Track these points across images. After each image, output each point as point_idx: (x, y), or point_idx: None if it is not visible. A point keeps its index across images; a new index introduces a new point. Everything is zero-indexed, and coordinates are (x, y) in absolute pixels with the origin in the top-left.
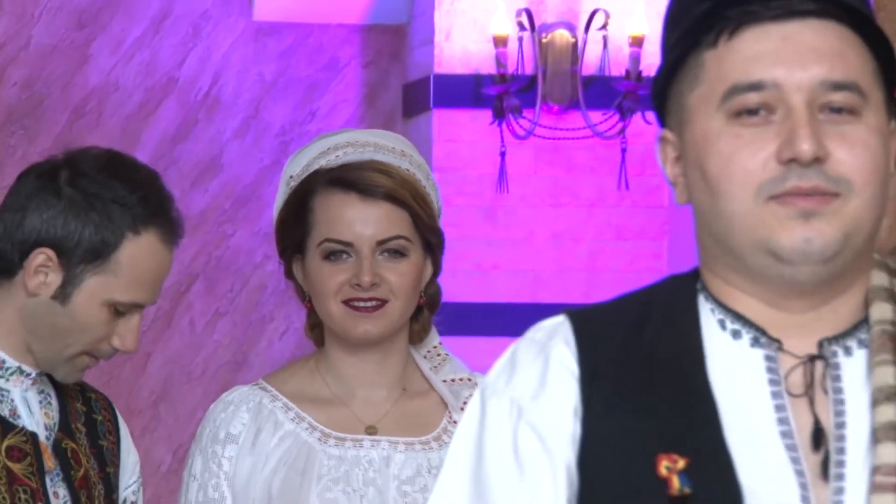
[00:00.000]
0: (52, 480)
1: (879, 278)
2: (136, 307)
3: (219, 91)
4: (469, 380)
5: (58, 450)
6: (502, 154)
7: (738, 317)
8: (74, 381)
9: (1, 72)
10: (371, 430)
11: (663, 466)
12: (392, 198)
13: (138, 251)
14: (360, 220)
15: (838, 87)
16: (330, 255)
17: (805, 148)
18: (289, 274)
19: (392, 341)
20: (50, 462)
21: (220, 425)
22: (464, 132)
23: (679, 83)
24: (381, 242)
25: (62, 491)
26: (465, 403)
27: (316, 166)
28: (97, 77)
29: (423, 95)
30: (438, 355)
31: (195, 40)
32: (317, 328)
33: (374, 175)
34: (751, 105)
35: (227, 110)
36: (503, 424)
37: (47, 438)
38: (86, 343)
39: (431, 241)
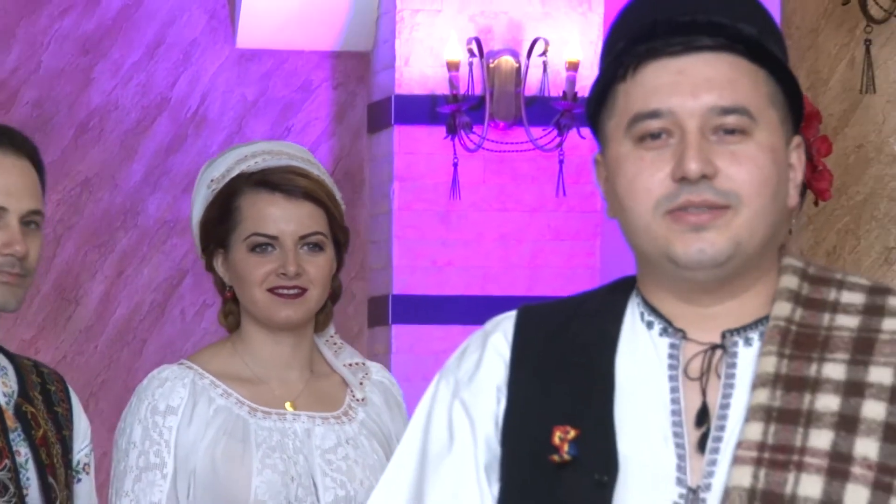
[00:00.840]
0: (14, 440)
1: (789, 281)
2: (2, 210)
3: (206, 110)
4: (363, 364)
5: (18, 413)
6: (455, 165)
7: (653, 310)
8: (8, 300)
9: (14, 92)
10: (291, 405)
11: (557, 436)
12: (312, 197)
13: None
14: (284, 218)
15: (728, 111)
16: (256, 248)
17: (692, 167)
18: (209, 267)
19: (305, 327)
20: (10, 422)
21: (160, 398)
22: (421, 146)
23: (602, 113)
24: (302, 237)
25: (24, 449)
26: (361, 384)
27: (237, 171)
28: (99, 97)
29: (385, 114)
30: (335, 343)
31: (185, 65)
32: (231, 315)
33: (296, 178)
34: (652, 130)
35: (213, 127)
36: (445, 401)
37: (7, 403)
38: None
39: (340, 239)
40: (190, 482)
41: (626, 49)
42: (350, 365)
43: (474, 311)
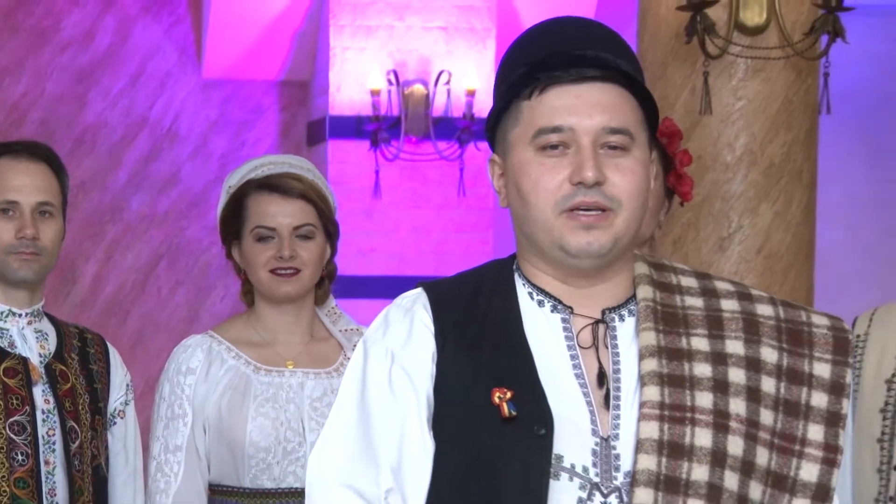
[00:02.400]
0: (41, 390)
1: (642, 268)
2: (13, 204)
3: (177, 127)
4: (357, 329)
5: (48, 370)
6: (376, 172)
7: (540, 290)
8: (26, 273)
9: (24, 113)
10: (289, 364)
11: (496, 396)
12: (303, 196)
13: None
14: (281, 213)
15: (615, 131)
16: (259, 238)
17: (589, 175)
18: (229, 255)
19: (304, 300)
20: (36, 375)
21: (183, 361)
22: (350, 156)
23: (504, 122)
24: (296, 228)
25: (50, 398)
26: (354, 346)
27: (248, 178)
28: (92, 117)
29: (321, 131)
30: (335, 313)
31: (161, 91)
32: (248, 294)
33: (290, 181)
34: (552, 142)
35: (183, 141)
36: (381, 365)
37: (41, 363)
38: (2, 240)
39: (330, 230)
40: (205, 427)
41: (528, 73)
42: (345, 330)
43: (393, 288)
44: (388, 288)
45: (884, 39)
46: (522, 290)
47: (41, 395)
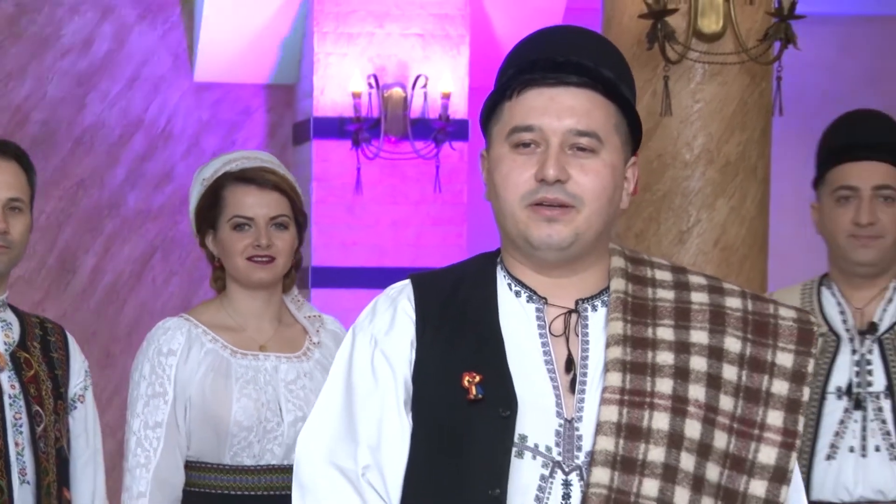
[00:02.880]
0: (7, 376)
1: (618, 262)
2: None
3: (171, 128)
4: (319, 316)
5: (13, 358)
6: (358, 169)
7: (518, 281)
8: (2, 264)
9: (27, 115)
10: (262, 348)
11: (466, 380)
12: (278, 188)
13: None
14: (258, 203)
15: (583, 134)
16: (237, 227)
17: (550, 173)
18: (202, 244)
19: (275, 287)
20: (2, 362)
21: (164, 343)
22: (333, 155)
23: (492, 119)
24: (272, 218)
25: (17, 384)
26: (318, 331)
27: (224, 170)
28: (91, 118)
29: (306, 131)
30: (299, 300)
31: (155, 94)
32: (219, 280)
33: (266, 174)
34: (524, 140)
35: (176, 140)
36: (365, 350)
37: (6, 351)
38: None
39: (300, 221)
40: (186, 406)
41: (513, 76)
42: (309, 317)
43: (373, 278)
44: (368, 278)
45: (833, 46)
46: (502, 282)
47: (7, 382)
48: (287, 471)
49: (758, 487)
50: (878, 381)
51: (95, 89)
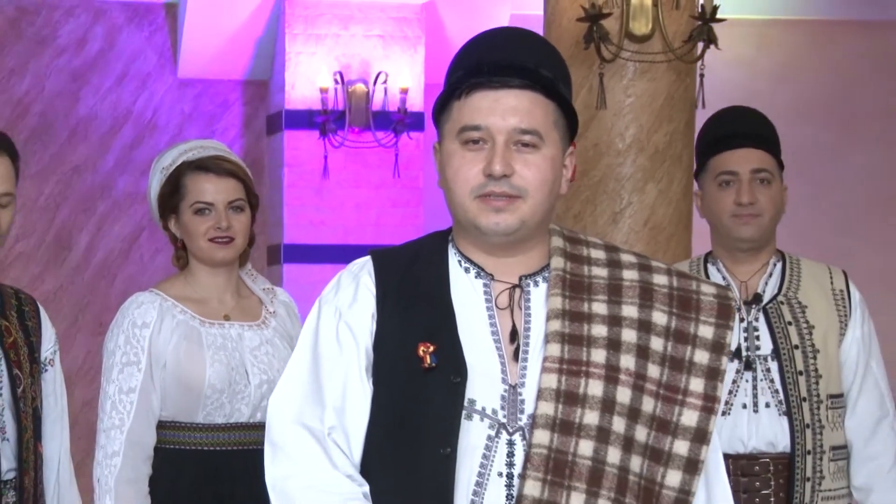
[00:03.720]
0: None
1: (558, 242)
2: None
3: (157, 119)
4: (272, 289)
5: None
6: (325, 157)
7: (468, 259)
8: None
9: (27, 107)
10: (226, 318)
11: (421, 350)
12: (234, 175)
13: None
14: (217, 190)
15: (525, 132)
16: (198, 212)
17: (497, 169)
18: (165, 227)
19: (233, 264)
20: None
21: (138, 316)
22: (302, 144)
23: (443, 116)
24: (230, 202)
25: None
26: (272, 301)
27: (182, 159)
28: (84, 111)
29: (278, 122)
30: (253, 274)
31: (143, 89)
32: (181, 258)
33: (222, 162)
34: (473, 138)
35: (161, 131)
36: (330, 322)
37: None
38: None
39: (253, 203)
40: (161, 373)
41: (462, 78)
42: (264, 289)
43: (338, 254)
44: (334, 254)
45: (751, 45)
46: (453, 259)
47: None
48: (252, 427)
49: (681, 447)
50: (766, 345)
51: (88, 84)
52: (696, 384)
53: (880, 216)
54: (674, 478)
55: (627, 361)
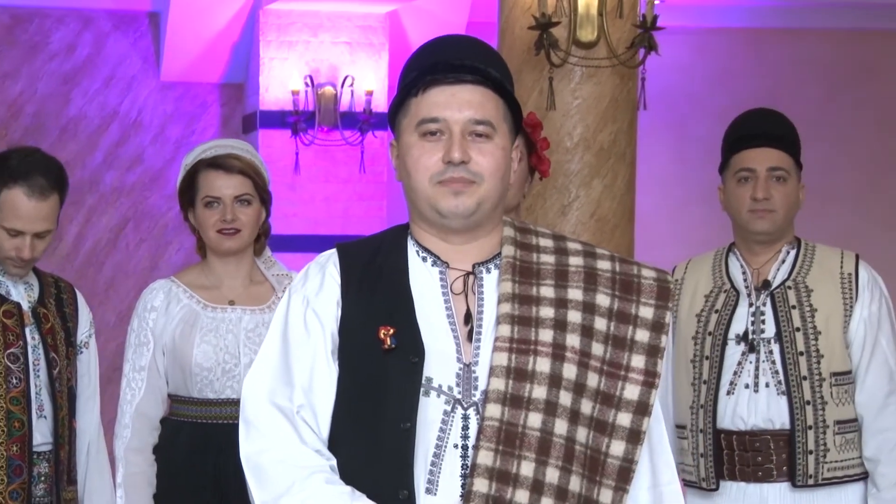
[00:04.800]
0: (30, 329)
1: (509, 231)
2: (19, 233)
3: (141, 119)
4: (287, 275)
5: (35, 313)
6: (296, 154)
7: (425, 249)
8: (16, 273)
9: (20, 108)
10: (231, 302)
11: (381, 333)
12: (241, 171)
13: (9, 198)
14: (224, 185)
15: (479, 122)
16: (208, 205)
17: (456, 156)
18: (186, 219)
19: (244, 252)
20: (27, 319)
21: (148, 301)
22: (275, 142)
23: (399, 115)
24: (237, 197)
25: (37, 335)
26: (284, 288)
27: (199, 158)
28: (74, 111)
29: (253, 122)
30: (270, 261)
31: (128, 90)
32: (201, 248)
33: (231, 160)
34: (431, 130)
35: (145, 129)
36: (298, 309)
37: (29, 306)
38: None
39: (264, 197)
40: (163, 352)
41: (417, 77)
42: (277, 275)
43: (309, 244)
44: (305, 244)
45: (688, 52)
46: (411, 249)
47: (30, 333)
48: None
49: (624, 419)
50: (770, 328)
51: (78, 87)
52: (638, 361)
53: (804, 210)
54: (618, 447)
55: (573, 340)
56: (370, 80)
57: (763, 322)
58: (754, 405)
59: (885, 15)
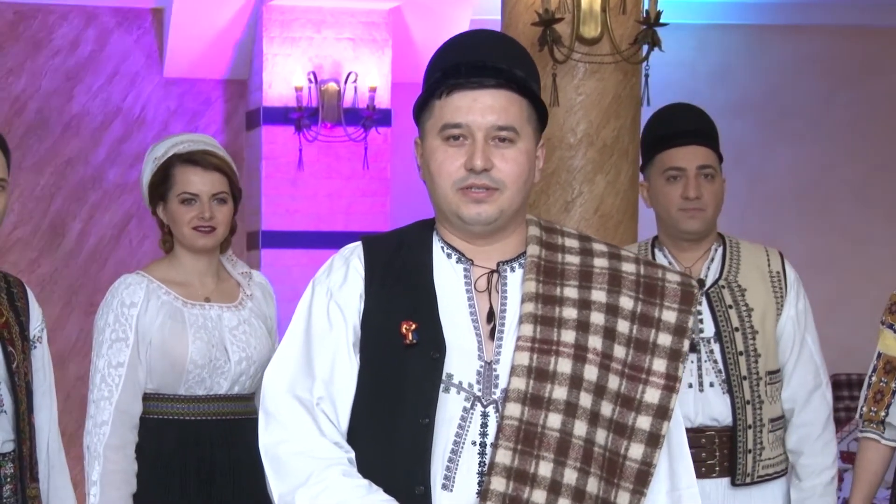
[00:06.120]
0: None
1: (534, 231)
2: None
3: (145, 115)
4: (249, 272)
5: None
6: (300, 150)
7: (450, 246)
8: None
9: (24, 104)
10: (207, 299)
11: (404, 328)
12: (218, 168)
13: None
14: (202, 182)
15: (503, 128)
16: (184, 202)
17: (478, 163)
18: (154, 213)
19: (215, 250)
20: None
21: (126, 297)
22: (279, 138)
23: (424, 114)
24: (214, 194)
25: None
26: (249, 284)
27: (172, 151)
28: (77, 107)
29: (256, 118)
30: (233, 259)
31: (131, 87)
32: (167, 243)
33: (208, 157)
34: (454, 135)
35: (149, 125)
36: (322, 301)
37: None
38: None
39: (236, 195)
40: (147, 349)
41: (441, 79)
42: (242, 273)
43: (312, 240)
44: (308, 240)
45: (691, 48)
46: (437, 245)
47: None
48: (230, 399)
49: (643, 422)
50: (708, 328)
51: (81, 83)
52: (659, 364)
53: (806, 205)
54: (636, 450)
55: (595, 342)
56: (373, 77)
57: (701, 321)
58: (701, 404)
59: (886, 11)
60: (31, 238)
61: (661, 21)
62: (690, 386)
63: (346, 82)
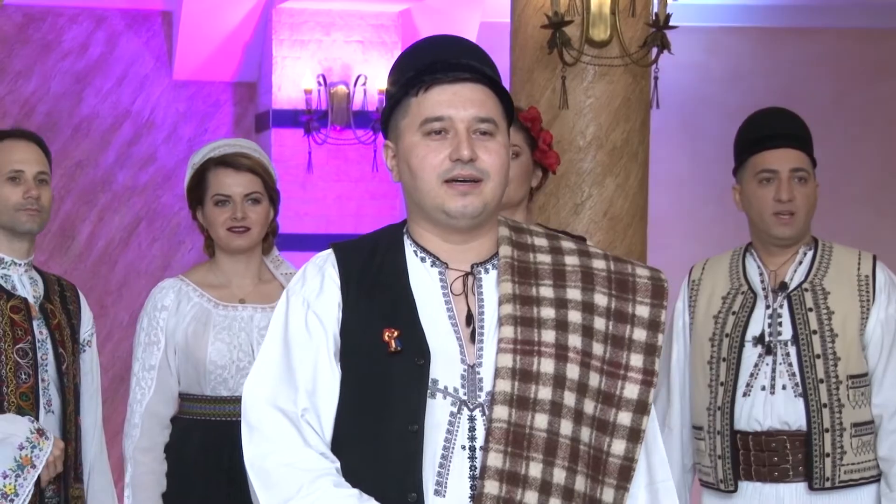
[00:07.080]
0: (37, 324)
1: (504, 231)
2: (20, 173)
3: (154, 117)
4: (293, 274)
5: (42, 308)
6: (309, 153)
7: (423, 249)
8: (32, 225)
9: (33, 107)
10: (241, 301)
11: (386, 335)
12: (251, 170)
13: (4, 147)
14: (234, 183)
15: (483, 120)
16: (218, 203)
17: (465, 153)
18: (194, 217)
19: (253, 251)
20: (35, 313)
21: (158, 300)
22: (288, 141)
23: (395, 115)
24: (247, 195)
25: (45, 330)
26: None
27: (209, 156)
28: (87, 110)
29: (266, 121)
30: (278, 260)
31: (141, 89)
32: (209, 247)
33: (241, 158)
34: (436, 129)
35: (158, 128)
36: (299, 311)
37: (35, 302)
38: (11, 200)
39: (273, 196)
40: (175, 350)
41: (415, 77)
42: (285, 274)
43: (321, 243)
44: (317, 243)
45: (701, 50)
46: (409, 249)
47: (38, 328)
48: None
49: (624, 418)
50: (787, 331)
51: (91, 86)
52: (636, 360)
53: (819, 208)
54: (619, 446)
55: (575, 340)
56: (383, 79)
57: (780, 324)
58: (770, 407)
59: None
60: (40, 240)
61: (671, 24)
62: (762, 389)
63: (355, 85)
